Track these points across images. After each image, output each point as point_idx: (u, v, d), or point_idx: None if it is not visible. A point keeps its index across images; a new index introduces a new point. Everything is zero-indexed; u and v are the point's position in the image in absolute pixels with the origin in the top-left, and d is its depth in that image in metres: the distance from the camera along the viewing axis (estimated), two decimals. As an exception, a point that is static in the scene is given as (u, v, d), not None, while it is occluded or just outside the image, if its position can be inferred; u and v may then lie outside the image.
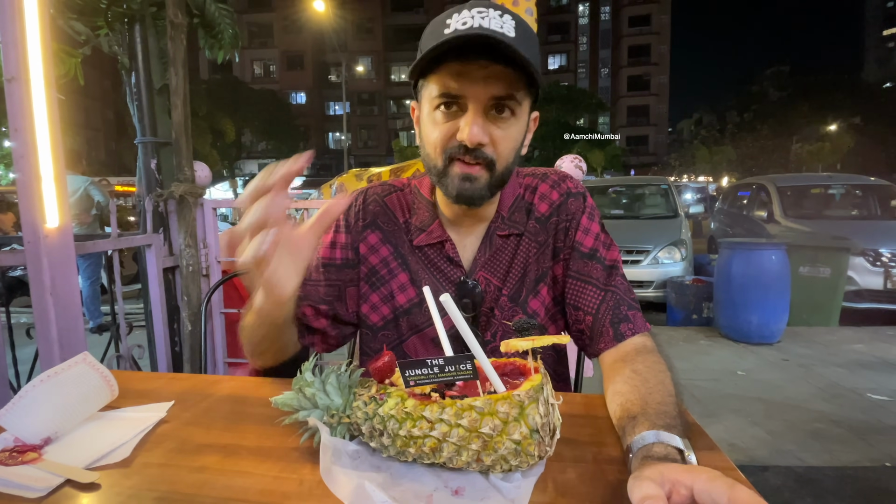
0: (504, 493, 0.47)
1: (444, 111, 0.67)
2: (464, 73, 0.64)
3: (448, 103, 0.67)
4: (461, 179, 0.68)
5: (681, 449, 0.48)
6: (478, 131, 0.65)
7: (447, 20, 0.64)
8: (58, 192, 1.19)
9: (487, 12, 0.63)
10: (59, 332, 1.20)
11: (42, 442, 0.57)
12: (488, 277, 0.78)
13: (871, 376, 2.86)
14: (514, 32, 0.63)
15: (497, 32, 0.61)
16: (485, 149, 0.67)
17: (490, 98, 0.65)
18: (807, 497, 1.75)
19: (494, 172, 0.69)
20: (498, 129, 0.67)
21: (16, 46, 1.11)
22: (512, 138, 0.69)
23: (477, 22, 0.62)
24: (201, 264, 1.86)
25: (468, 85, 0.64)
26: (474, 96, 0.65)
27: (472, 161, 0.67)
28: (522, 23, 0.65)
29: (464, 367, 0.50)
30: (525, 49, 0.62)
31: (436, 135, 0.68)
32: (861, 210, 5.73)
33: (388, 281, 0.80)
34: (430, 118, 0.69)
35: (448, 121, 0.67)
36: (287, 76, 37.30)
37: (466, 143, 0.65)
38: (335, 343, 0.84)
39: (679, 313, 4.27)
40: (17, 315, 4.44)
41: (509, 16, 0.64)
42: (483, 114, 0.66)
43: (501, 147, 0.68)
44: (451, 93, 0.65)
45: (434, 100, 0.67)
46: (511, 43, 0.60)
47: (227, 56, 2.06)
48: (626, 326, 0.72)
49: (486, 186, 0.69)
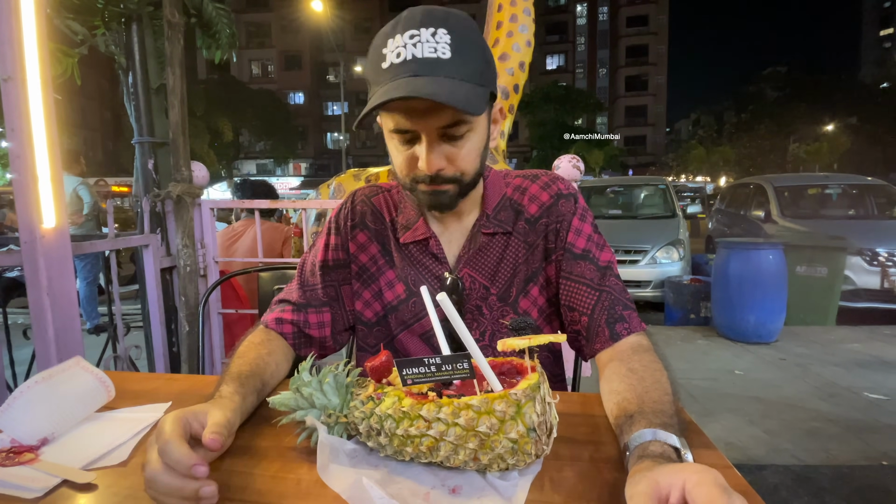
0: (501, 491, 0.47)
1: (400, 138, 0.69)
2: (410, 109, 0.64)
3: (403, 134, 0.68)
4: (430, 194, 0.71)
5: (677, 447, 0.48)
6: (434, 160, 0.67)
7: (383, 49, 0.64)
8: (54, 192, 1.18)
9: (419, 35, 0.62)
10: (56, 332, 1.20)
11: (39, 443, 0.57)
12: (473, 275, 0.78)
13: (868, 375, 2.87)
14: (448, 52, 0.62)
15: (430, 60, 0.61)
16: (445, 171, 0.69)
17: (439, 128, 0.66)
18: (804, 496, 1.76)
19: (462, 183, 0.71)
20: (456, 148, 0.68)
21: (12, 46, 1.10)
22: (472, 150, 0.70)
23: (409, 52, 0.62)
24: (199, 264, 1.86)
25: (416, 120, 0.65)
26: (423, 129, 0.66)
27: (436, 184, 0.70)
28: (460, 29, 0.64)
29: (461, 366, 0.50)
30: (463, 64, 0.63)
31: (399, 160, 0.71)
32: (858, 210, 5.75)
33: (377, 278, 0.82)
34: (391, 142, 0.72)
35: (407, 148, 0.69)
36: (285, 76, 37.25)
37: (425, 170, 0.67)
38: (331, 350, 0.85)
39: (677, 313, 4.28)
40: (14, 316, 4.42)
41: (443, 30, 0.63)
42: (437, 140, 0.67)
43: (462, 163, 0.70)
44: (402, 128, 0.67)
45: (389, 132, 0.70)
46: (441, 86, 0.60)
47: (224, 56, 2.05)
48: (622, 326, 0.72)
49: (457, 194, 0.72)
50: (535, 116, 26.67)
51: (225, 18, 1.94)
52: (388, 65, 0.63)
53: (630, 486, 0.41)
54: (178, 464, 0.44)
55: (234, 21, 2.01)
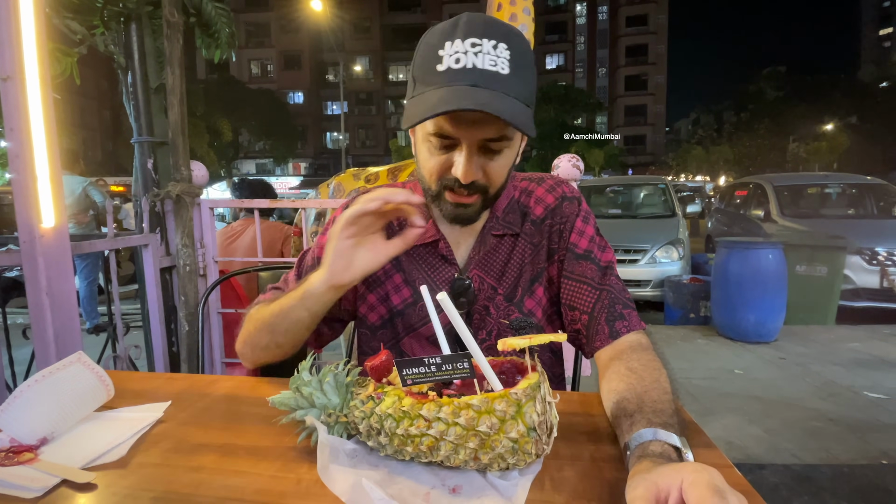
0: (501, 491, 0.47)
1: (437, 142, 0.69)
2: (458, 118, 0.64)
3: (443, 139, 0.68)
4: (454, 206, 0.71)
5: (678, 447, 0.48)
6: (471, 170, 0.67)
7: (439, 51, 0.63)
8: (53, 191, 1.18)
9: (482, 45, 0.62)
10: (56, 332, 1.20)
11: (38, 442, 0.57)
12: (482, 276, 0.79)
13: (868, 374, 2.87)
14: (507, 68, 0.63)
15: (489, 73, 0.61)
16: (477, 181, 0.69)
17: (482, 139, 0.66)
18: (804, 495, 1.76)
19: (487, 196, 0.72)
20: (491, 161, 0.69)
21: (11, 45, 1.10)
22: (505, 166, 0.71)
23: (470, 61, 0.62)
24: (198, 264, 1.86)
25: (461, 128, 0.65)
26: (467, 138, 0.66)
27: (466, 193, 0.70)
28: (520, 47, 0.65)
29: (461, 365, 0.50)
30: (519, 83, 0.63)
31: (431, 164, 0.70)
32: (857, 209, 5.75)
33: (383, 282, 0.82)
34: (425, 145, 0.71)
35: (443, 153, 0.69)
36: (284, 76, 37.23)
37: (461, 180, 0.67)
38: (327, 340, 0.86)
39: (676, 312, 4.28)
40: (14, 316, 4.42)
41: (504, 45, 0.63)
42: (476, 152, 0.67)
43: (494, 176, 0.70)
44: (446, 134, 0.67)
45: (428, 135, 0.69)
46: (498, 101, 0.60)
47: (223, 55, 2.05)
48: (622, 324, 0.73)
49: (479, 209, 0.73)
50: (534, 116, 26.62)
51: (224, 18, 1.94)
52: (445, 68, 0.63)
53: (630, 489, 0.41)
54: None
55: (234, 20, 2.01)
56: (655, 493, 0.39)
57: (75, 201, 3.95)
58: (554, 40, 42.33)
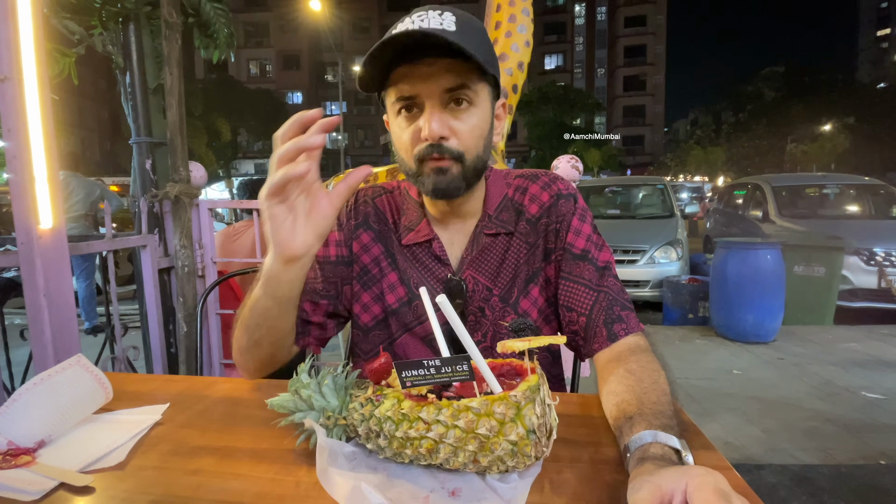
0: (501, 493, 0.47)
1: (405, 115, 0.69)
2: (412, 74, 0.66)
3: (407, 106, 0.69)
4: (434, 173, 0.70)
5: (678, 449, 0.48)
6: (437, 125, 0.66)
7: (392, 30, 0.66)
8: (51, 192, 1.18)
9: (426, 14, 0.65)
10: (54, 333, 1.19)
11: (36, 445, 0.56)
12: (476, 276, 0.78)
13: (866, 375, 2.88)
14: (454, 27, 0.65)
15: (436, 30, 0.63)
16: (449, 143, 0.68)
17: (443, 92, 0.67)
18: (802, 495, 1.76)
19: (465, 163, 0.70)
20: (458, 121, 0.69)
21: (9, 46, 1.10)
22: (475, 127, 0.70)
23: (417, 25, 0.64)
24: (197, 265, 1.85)
25: (419, 83, 0.66)
26: (427, 93, 0.67)
27: (440, 156, 0.69)
28: (465, 16, 0.68)
29: (460, 368, 0.50)
30: (467, 40, 0.64)
31: (404, 138, 0.70)
32: (855, 209, 5.76)
33: (378, 280, 0.81)
34: (396, 125, 0.72)
35: (410, 123, 0.69)
36: (283, 76, 37.21)
37: (428, 138, 0.67)
38: (329, 336, 0.84)
39: (675, 313, 4.28)
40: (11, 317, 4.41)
41: (450, 13, 0.66)
42: (440, 108, 0.68)
43: (465, 138, 0.69)
44: (405, 95, 0.67)
45: (394, 105, 0.70)
46: (448, 36, 0.62)
47: (222, 56, 2.05)
48: (620, 326, 0.72)
49: (460, 177, 0.71)
50: (533, 116, 26.69)
51: (223, 18, 1.93)
52: (391, 36, 0.64)
53: (633, 492, 0.41)
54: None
55: (232, 21, 2.01)
56: (659, 496, 0.39)
57: (93, 203, 4.01)
58: (553, 40, 42.38)
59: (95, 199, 4.02)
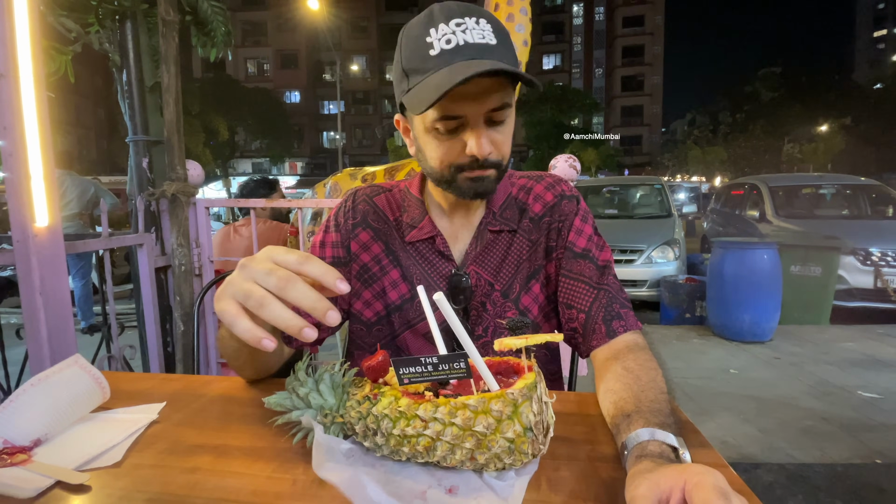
0: (498, 491, 0.47)
1: (444, 128, 0.69)
2: (462, 95, 0.64)
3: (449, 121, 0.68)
4: (472, 181, 0.71)
5: (675, 447, 0.48)
6: (486, 144, 0.68)
7: (426, 37, 0.65)
8: (47, 191, 1.17)
9: (465, 22, 0.64)
10: (49, 332, 1.19)
11: (32, 444, 0.56)
12: (479, 272, 0.79)
13: (862, 374, 2.89)
14: (494, 39, 0.65)
15: (481, 45, 0.63)
16: (492, 155, 0.70)
17: (488, 111, 0.67)
18: (798, 494, 1.77)
19: (500, 168, 0.72)
20: (498, 133, 0.70)
21: (5, 43, 1.09)
22: (510, 134, 0.72)
23: (460, 38, 0.64)
24: (194, 264, 1.85)
25: (466, 105, 0.66)
26: (473, 114, 0.67)
27: (483, 170, 0.70)
28: (493, 20, 0.67)
29: (458, 365, 0.50)
30: (508, 51, 0.65)
31: (441, 151, 0.70)
32: (852, 210, 5.79)
33: (380, 278, 0.81)
34: (429, 135, 0.70)
35: (450, 137, 0.69)
36: (281, 75, 37.14)
37: (477, 157, 0.68)
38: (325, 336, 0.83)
39: (672, 312, 4.30)
40: (7, 315, 4.39)
41: (484, 19, 0.66)
42: (486, 126, 0.68)
43: (503, 148, 0.71)
44: (452, 115, 0.67)
45: (434, 122, 0.68)
46: (501, 60, 0.63)
47: (219, 54, 2.04)
48: (619, 324, 0.73)
49: (496, 180, 0.73)
50: (531, 116, 26.72)
51: (220, 16, 1.93)
52: (439, 51, 0.64)
53: (630, 489, 0.41)
54: (325, 275, 0.46)
55: (230, 19, 2.00)
56: (657, 494, 0.39)
57: (88, 202, 3.99)
58: (551, 40, 42.42)
59: (90, 197, 4.00)
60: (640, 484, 0.41)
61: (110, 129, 28.06)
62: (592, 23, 45.36)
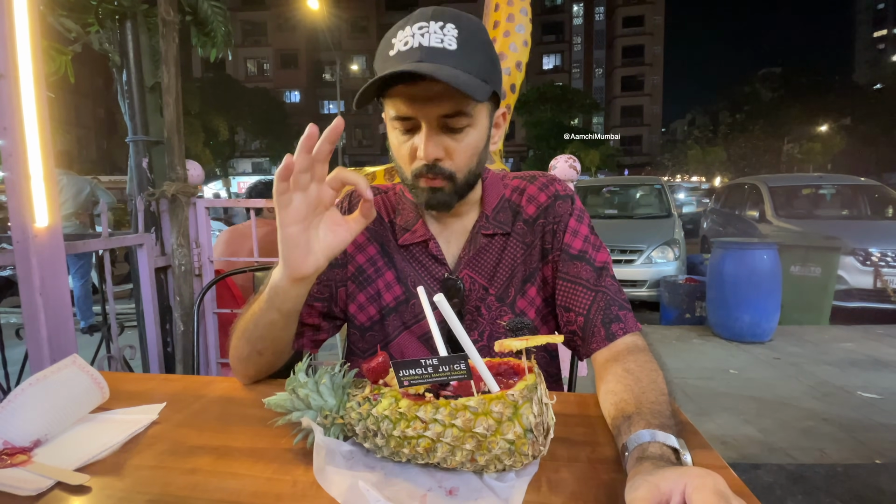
0: (498, 492, 0.47)
1: (402, 130, 0.70)
2: (412, 96, 0.65)
3: (404, 123, 0.69)
4: (428, 192, 0.71)
5: (676, 448, 0.48)
6: (431, 149, 0.67)
7: (392, 39, 0.66)
8: (47, 191, 1.17)
9: (428, 27, 0.64)
10: (49, 332, 1.19)
11: (32, 444, 0.56)
12: (473, 276, 0.78)
13: (862, 374, 2.89)
14: (455, 44, 0.64)
15: (436, 49, 0.63)
16: (442, 163, 0.69)
17: (439, 116, 0.67)
18: (798, 494, 1.77)
19: (457, 182, 0.71)
20: (454, 141, 0.69)
21: (4, 43, 1.09)
22: (469, 147, 0.70)
23: (416, 41, 0.64)
24: (194, 264, 1.85)
25: (417, 107, 0.66)
26: (423, 116, 0.67)
27: (433, 177, 0.70)
28: (469, 27, 0.66)
29: (458, 367, 0.50)
30: (468, 60, 0.64)
31: (402, 151, 0.71)
32: (851, 210, 5.79)
33: (374, 280, 0.81)
34: (393, 134, 0.72)
35: (408, 138, 0.70)
36: (281, 75, 37.13)
37: (424, 160, 0.68)
38: (324, 338, 0.84)
39: (672, 312, 4.30)
40: (7, 315, 4.39)
41: (452, 25, 0.65)
42: (437, 131, 0.68)
43: (459, 158, 0.70)
44: (403, 115, 0.68)
45: (391, 120, 0.70)
46: (447, 64, 0.62)
47: (219, 54, 2.04)
48: (618, 326, 0.72)
49: (452, 194, 0.72)
50: (531, 116, 26.73)
51: (220, 16, 1.93)
52: (395, 52, 0.65)
53: (630, 490, 0.41)
54: None
55: (230, 19, 2.00)
56: (657, 496, 0.39)
57: (83, 201, 3.98)
58: (551, 40, 42.41)
59: (85, 196, 3.98)
60: (639, 486, 0.40)
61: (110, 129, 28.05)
62: (592, 23, 45.36)
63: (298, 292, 0.65)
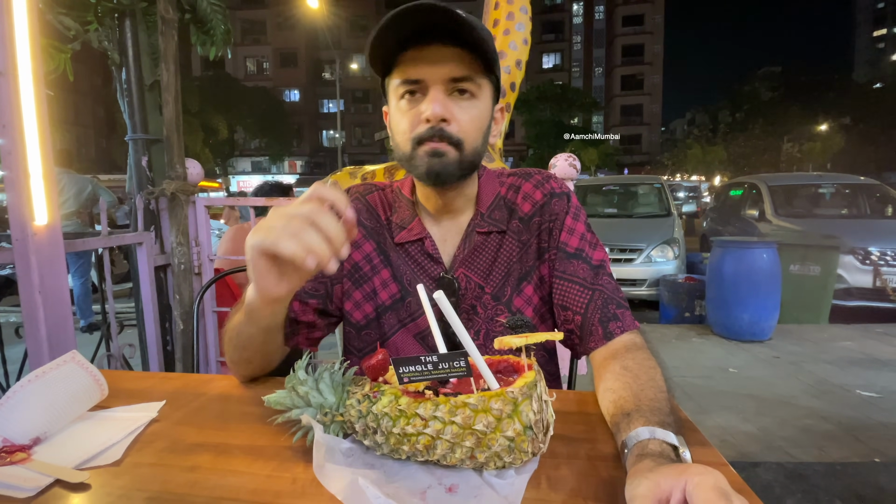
0: (498, 489, 0.47)
1: (408, 99, 0.69)
2: (420, 58, 0.66)
3: (411, 91, 0.69)
4: (429, 156, 0.69)
5: (675, 445, 0.48)
6: (439, 106, 0.67)
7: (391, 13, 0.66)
8: (46, 189, 1.17)
9: None
10: (49, 331, 1.19)
11: (31, 442, 0.56)
12: (468, 274, 0.78)
13: (861, 373, 2.90)
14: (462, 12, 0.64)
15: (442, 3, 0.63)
16: (449, 127, 0.68)
17: (448, 79, 0.67)
18: (797, 493, 1.77)
19: (463, 151, 0.70)
20: (460, 108, 0.69)
21: (4, 41, 1.09)
22: (476, 118, 0.70)
23: None
24: (193, 263, 1.85)
25: (426, 68, 0.66)
26: (433, 78, 0.67)
27: (438, 140, 0.68)
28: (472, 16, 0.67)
29: (458, 364, 0.50)
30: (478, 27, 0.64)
31: (404, 123, 0.70)
32: (851, 209, 5.80)
33: (370, 277, 0.80)
34: (397, 110, 0.72)
35: (412, 107, 0.69)
36: (280, 73, 37.10)
37: (429, 118, 0.67)
38: (320, 336, 0.83)
39: (672, 311, 4.30)
40: (6, 314, 4.39)
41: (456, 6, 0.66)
42: (445, 94, 0.68)
43: (465, 125, 0.69)
44: (411, 78, 0.67)
45: (398, 89, 0.70)
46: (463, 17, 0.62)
47: (219, 53, 2.04)
48: (615, 325, 0.72)
49: (456, 164, 0.69)
50: (531, 115, 26.73)
51: (220, 15, 1.93)
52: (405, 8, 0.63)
53: (631, 488, 0.41)
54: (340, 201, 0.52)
55: (229, 17, 2.00)
56: (657, 493, 0.39)
57: (84, 200, 3.98)
58: (550, 39, 42.41)
59: (87, 195, 3.99)
60: (640, 483, 0.40)
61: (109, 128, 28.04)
62: (592, 22, 45.33)
63: (274, 310, 0.64)
